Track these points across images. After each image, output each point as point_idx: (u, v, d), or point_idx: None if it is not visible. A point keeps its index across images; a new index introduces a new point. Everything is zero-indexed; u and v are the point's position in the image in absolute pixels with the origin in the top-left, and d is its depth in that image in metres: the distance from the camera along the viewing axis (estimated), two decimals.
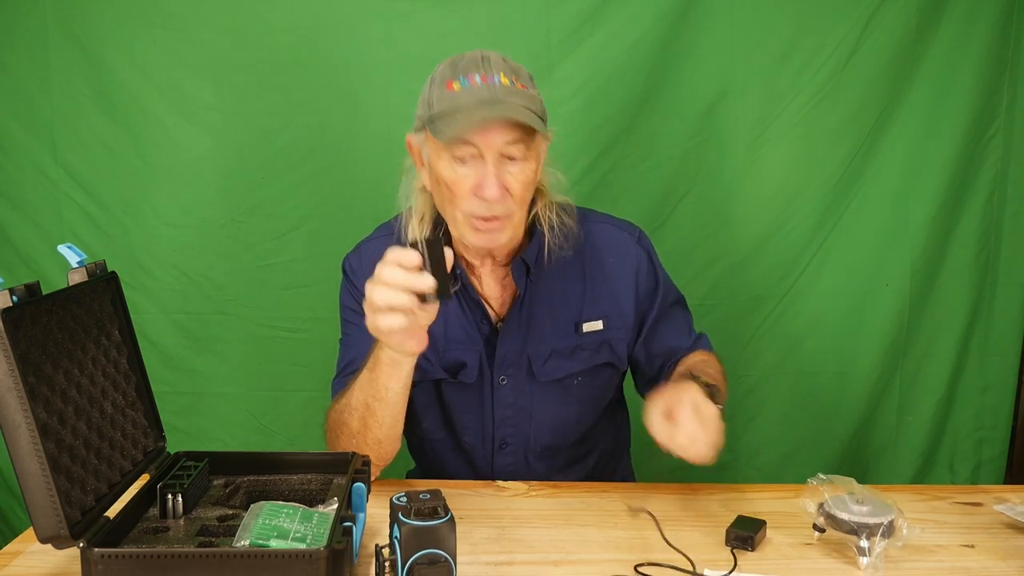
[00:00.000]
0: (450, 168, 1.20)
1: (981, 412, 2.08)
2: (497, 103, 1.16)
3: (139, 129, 1.88)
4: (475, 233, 1.24)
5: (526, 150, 1.20)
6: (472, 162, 1.20)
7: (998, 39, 1.90)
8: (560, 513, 1.18)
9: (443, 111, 1.19)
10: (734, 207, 1.95)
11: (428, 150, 1.24)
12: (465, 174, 1.20)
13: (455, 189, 1.21)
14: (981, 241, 1.99)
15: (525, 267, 1.33)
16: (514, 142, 1.18)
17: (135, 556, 0.85)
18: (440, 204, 1.28)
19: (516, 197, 1.22)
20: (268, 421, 2.00)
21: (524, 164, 1.21)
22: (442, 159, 1.21)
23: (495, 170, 1.19)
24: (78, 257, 0.99)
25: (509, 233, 1.26)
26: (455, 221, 1.25)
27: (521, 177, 1.21)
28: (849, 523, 1.02)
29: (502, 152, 1.19)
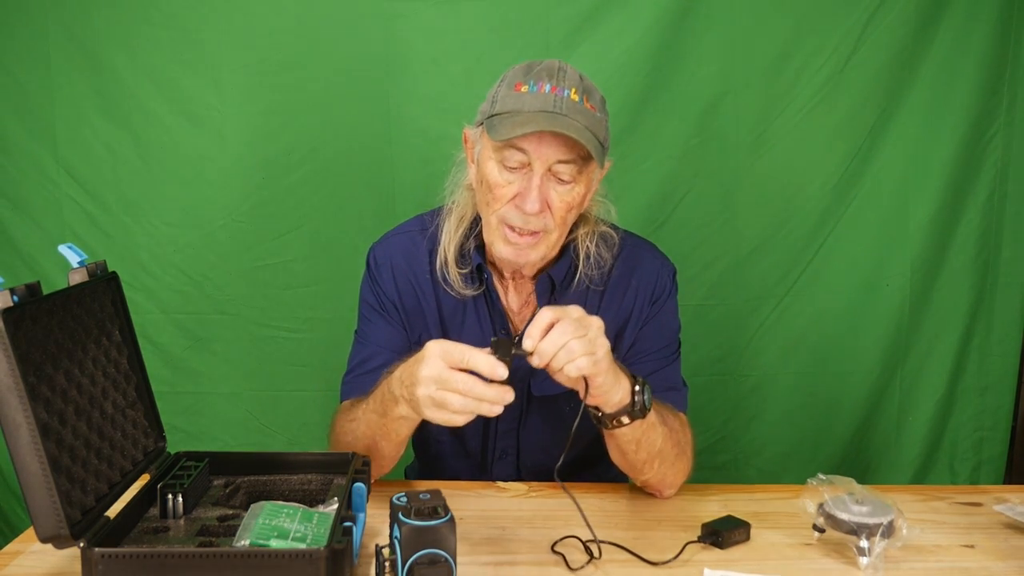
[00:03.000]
0: (497, 171, 1.17)
1: (981, 412, 2.08)
2: (559, 117, 1.13)
3: (139, 129, 1.88)
4: (505, 244, 1.20)
5: (577, 173, 1.17)
6: (520, 171, 1.16)
7: (998, 39, 1.90)
8: (560, 513, 1.18)
9: (504, 110, 1.16)
10: (734, 207, 1.95)
11: (480, 147, 1.21)
12: (510, 180, 1.17)
13: (496, 192, 1.18)
14: (981, 241, 1.99)
15: (551, 284, 1.30)
16: (567, 161, 1.15)
17: (135, 556, 0.85)
18: (480, 204, 1.25)
19: (556, 216, 1.18)
20: (268, 421, 2.00)
21: (572, 186, 1.18)
22: (491, 160, 1.18)
23: (540, 183, 1.15)
24: (79, 257, 0.99)
25: (542, 252, 1.22)
26: (489, 226, 1.22)
27: (567, 198, 1.18)
28: (849, 523, 1.02)
29: (552, 169, 1.16)
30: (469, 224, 1.29)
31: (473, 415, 0.99)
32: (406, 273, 1.33)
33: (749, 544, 1.09)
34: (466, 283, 1.29)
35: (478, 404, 0.98)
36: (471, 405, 0.98)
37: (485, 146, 1.19)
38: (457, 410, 0.98)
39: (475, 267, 1.29)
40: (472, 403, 0.98)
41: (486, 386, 0.97)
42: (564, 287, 1.30)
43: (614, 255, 1.31)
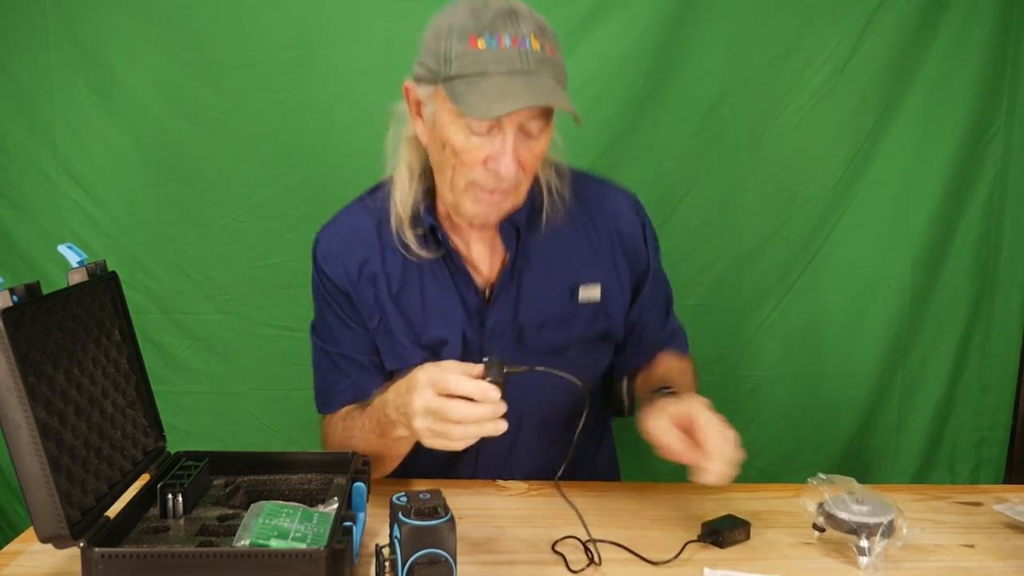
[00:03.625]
0: (463, 136, 1.10)
1: (981, 412, 2.08)
2: (532, 79, 1.05)
3: (139, 129, 1.88)
4: (475, 203, 1.16)
5: (545, 124, 1.13)
6: (489, 133, 1.10)
7: (998, 40, 1.90)
8: (560, 513, 1.18)
9: (465, 73, 1.06)
10: (734, 207, 1.95)
11: (436, 108, 1.13)
12: (479, 144, 1.11)
13: (465, 158, 1.12)
14: (981, 241, 1.99)
15: (515, 229, 1.24)
16: (537, 117, 1.10)
17: (135, 556, 0.85)
18: (438, 165, 1.18)
19: (527, 170, 1.15)
20: (268, 421, 2.00)
21: (542, 138, 1.13)
22: (455, 124, 1.10)
23: (514, 145, 1.10)
24: (78, 257, 0.99)
25: (511, 203, 1.18)
26: (454, 187, 1.16)
27: (536, 150, 1.14)
28: (849, 523, 1.02)
29: (523, 126, 1.11)
30: (419, 178, 1.24)
31: (476, 439, 0.98)
32: (355, 256, 1.28)
33: (749, 543, 1.09)
34: (422, 245, 1.24)
35: (479, 428, 0.97)
36: (472, 431, 0.97)
37: (445, 109, 1.10)
38: (459, 439, 0.98)
39: (427, 229, 1.23)
40: (472, 428, 0.97)
41: (481, 407, 0.96)
42: (529, 229, 1.26)
43: (568, 182, 1.28)
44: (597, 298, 1.29)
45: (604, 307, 1.30)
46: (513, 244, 1.25)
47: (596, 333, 1.31)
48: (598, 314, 1.30)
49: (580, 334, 1.29)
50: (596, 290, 1.29)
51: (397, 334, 1.27)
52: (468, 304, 1.26)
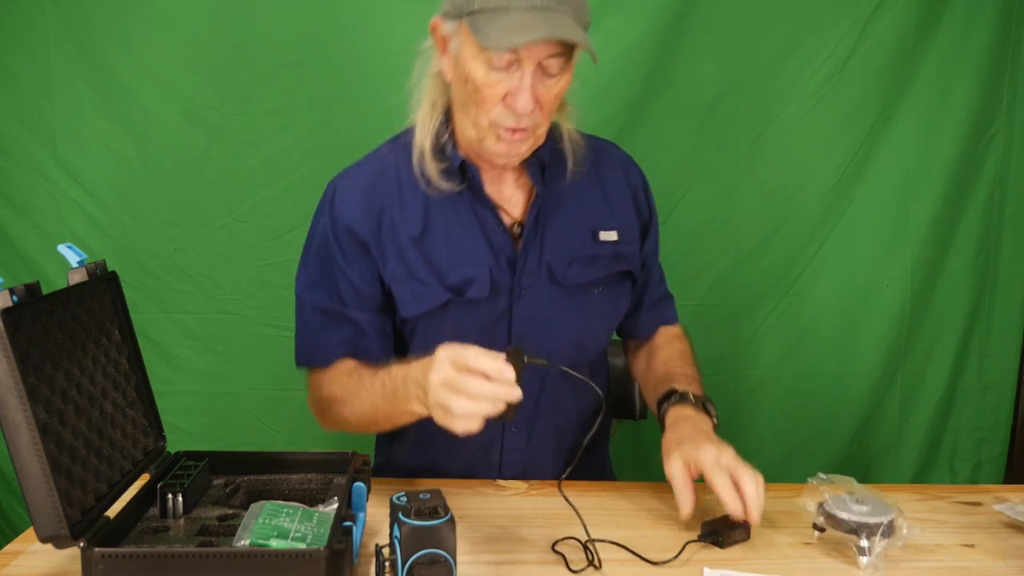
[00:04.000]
0: (483, 71, 1.12)
1: (981, 412, 2.08)
2: (551, 15, 1.07)
3: (139, 129, 1.88)
4: (497, 142, 1.17)
5: (565, 64, 1.13)
6: (508, 69, 1.12)
7: (998, 39, 1.90)
8: (560, 513, 1.18)
9: (487, 7, 1.08)
10: (734, 207, 1.95)
11: (460, 43, 1.14)
12: (499, 80, 1.12)
13: (485, 94, 1.13)
14: (981, 241, 1.99)
15: (540, 166, 1.27)
16: (557, 55, 1.11)
17: (135, 556, 0.85)
18: (461, 101, 1.19)
19: (546, 110, 1.16)
20: (268, 421, 2.00)
21: (561, 78, 1.14)
22: (476, 59, 1.12)
23: (531, 82, 1.11)
24: (78, 257, 0.99)
25: (530, 144, 1.20)
26: (477, 125, 1.17)
27: (555, 90, 1.15)
28: (849, 523, 1.02)
29: (541, 64, 1.11)
30: (442, 113, 1.25)
31: (479, 419, 0.97)
32: (374, 204, 1.27)
33: (749, 543, 1.09)
34: (444, 178, 1.25)
35: (481, 405, 0.95)
36: (475, 407, 0.96)
37: (467, 43, 1.12)
38: (463, 415, 0.96)
39: (458, 166, 1.25)
40: (481, 406, 0.96)
41: (494, 386, 0.95)
42: (555, 169, 1.29)
43: (586, 140, 1.32)
44: (615, 241, 1.33)
45: (622, 251, 1.33)
46: (540, 180, 1.27)
47: (618, 271, 1.34)
48: (617, 255, 1.33)
49: (604, 272, 1.32)
50: (614, 235, 1.33)
51: (421, 276, 1.25)
52: (494, 242, 1.26)
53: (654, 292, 1.44)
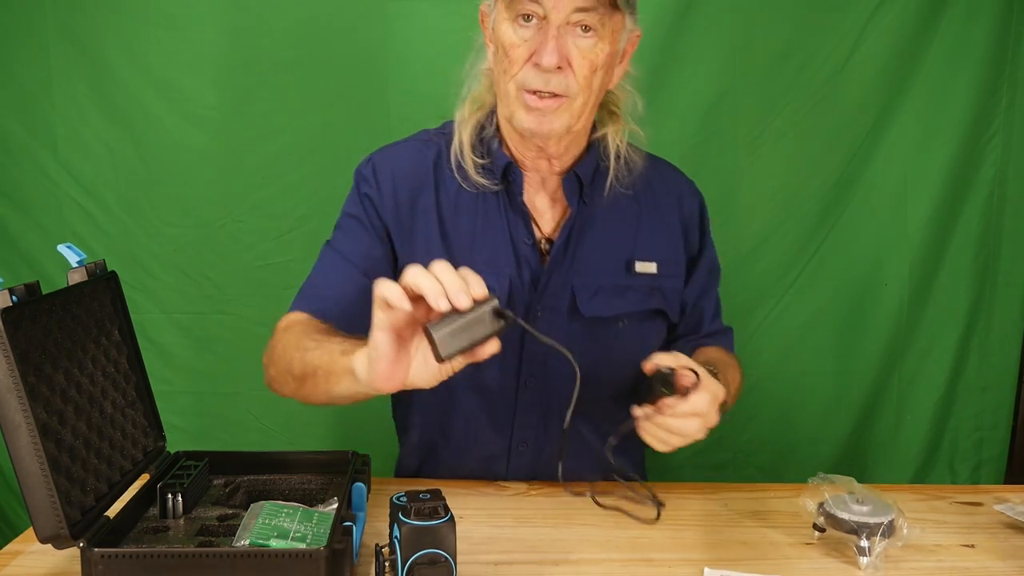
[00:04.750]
0: (511, 30, 1.07)
1: (981, 412, 2.08)
2: None
3: (139, 129, 1.88)
4: (526, 111, 1.09)
5: (600, 23, 1.06)
6: (537, 25, 1.06)
7: (997, 39, 1.90)
8: (560, 513, 1.18)
9: None
10: (733, 207, 1.95)
11: (495, 15, 1.11)
12: (525, 38, 1.07)
13: (512, 55, 1.07)
14: (981, 241, 1.99)
15: (579, 184, 1.20)
16: (587, 9, 1.04)
17: (135, 556, 0.85)
18: (498, 81, 1.14)
19: (579, 76, 1.07)
20: (268, 421, 2.00)
21: (596, 40, 1.07)
22: (505, 21, 1.08)
23: (557, 34, 1.05)
24: (78, 257, 0.99)
25: (565, 120, 1.10)
26: (508, 96, 1.11)
27: (589, 55, 1.07)
28: (849, 523, 1.02)
29: (571, 20, 1.05)
30: (488, 112, 1.21)
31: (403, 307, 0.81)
32: (409, 179, 1.22)
33: (750, 544, 1.09)
34: (480, 172, 1.20)
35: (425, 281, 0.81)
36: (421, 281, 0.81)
37: (499, 10, 1.10)
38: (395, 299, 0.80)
39: (504, 167, 1.19)
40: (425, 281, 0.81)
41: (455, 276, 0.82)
42: (595, 188, 1.22)
43: (644, 158, 1.24)
44: (653, 274, 1.25)
45: (660, 285, 1.25)
46: (576, 199, 1.21)
47: (650, 309, 1.25)
48: (653, 291, 1.25)
49: (633, 308, 1.24)
50: (652, 267, 1.25)
51: None
52: (520, 253, 1.20)
53: (708, 326, 1.35)
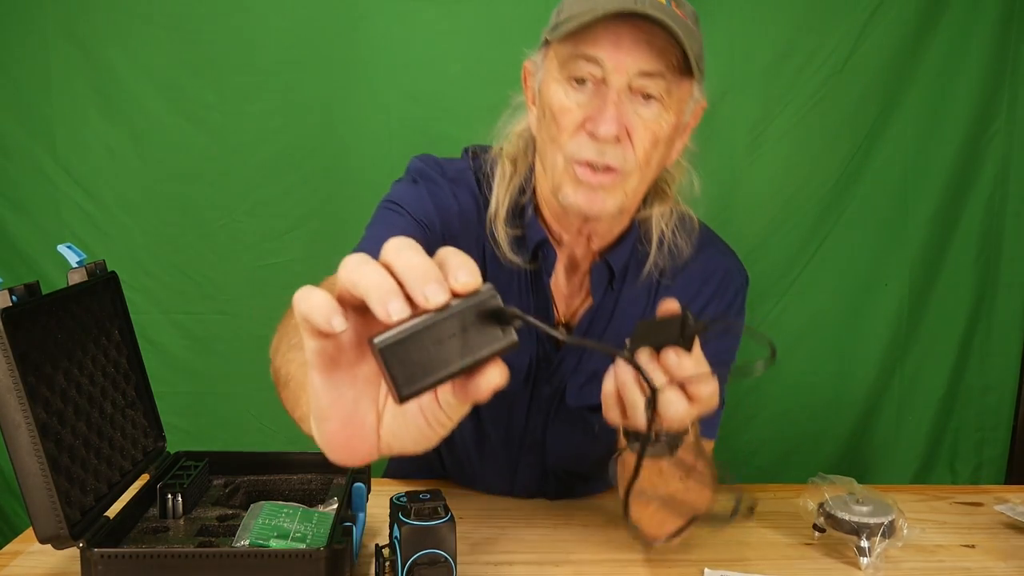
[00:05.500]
0: (563, 92, 0.94)
1: (982, 412, 2.08)
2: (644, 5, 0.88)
3: (139, 129, 1.88)
4: (575, 186, 0.95)
5: (666, 91, 0.93)
6: (593, 89, 0.93)
7: (998, 38, 1.90)
8: (560, 513, 1.18)
9: (572, 15, 0.92)
10: (733, 207, 1.95)
11: (543, 74, 0.98)
12: (579, 102, 0.93)
13: (562, 119, 0.94)
14: (982, 241, 1.99)
15: (609, 273, 1.08)
16: (653, 74, 0.91)
17: (135, 556, 0.85)
18: (542, 149, 1.00)
19: (638, 150, 0.94)
20: (268, 421, 2.00)
21: (660, 110, 0.94)
22: (556, 81, 0.95)
23: (617, 100, 0.91)
24: (78, 257, 0.99)
25: (619, 199, 0.97)
26: (555, 167, 0.97)
27: (652, 125, 0.93)
28: (849, 523, 1.02)
29: (634, 84, 0.92)
30: (524, 177, 1.06)
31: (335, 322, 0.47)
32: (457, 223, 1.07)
33: (749, 544, 1.09)
34: (513, 248, 1.06)
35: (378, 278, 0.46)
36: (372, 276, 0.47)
37: (548, 70, 0.97)
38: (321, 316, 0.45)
39: (537, 243, 1.05)
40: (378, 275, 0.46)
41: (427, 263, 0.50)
42: (628, 277, 1.08)
43: (693, 246, 1.08)
44: None
45: None
46: (602, 290, 1.08)
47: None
48: None
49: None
50: None
51: None
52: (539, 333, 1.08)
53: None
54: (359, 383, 0.49)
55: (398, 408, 0.49)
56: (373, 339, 0.45)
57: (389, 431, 0.50)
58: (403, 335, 0.45)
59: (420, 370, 0.45)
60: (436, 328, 0.45)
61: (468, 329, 0.46)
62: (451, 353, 0.46)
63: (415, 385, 0.45)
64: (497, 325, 0.46)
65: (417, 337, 0.45)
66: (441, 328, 0.45)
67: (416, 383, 0.45)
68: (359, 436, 0.50)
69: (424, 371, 0.45)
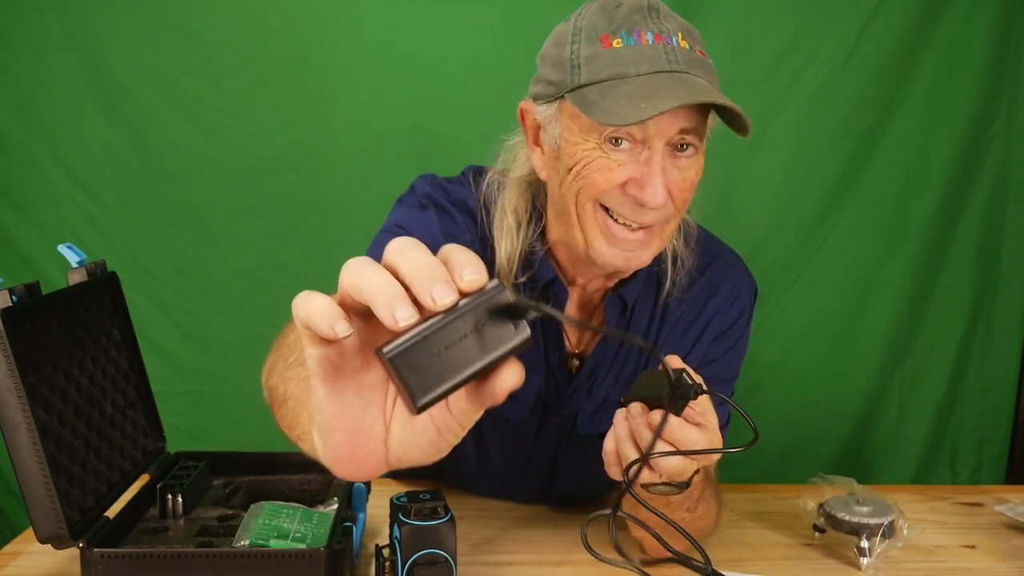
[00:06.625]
0: (599, 151, 0.88)
1: (982, 412, 2.08)
2: (684, 76, 0.85)
3: (139, 129, 1.88)
4: (610, 244, 0.91)
5: (700, 141, 0.91)
6: (632, 146, 0.88)
7: (998, 39, 1.91)
8: (560, 513, 1.18)
9: (598, 78, 0.86)
10: (734, 207, 1.95)
11: (561, 128, 0.91)
12: (619, 161, 0.88)
13: (600, 181, 0.88)
14: (982, 241, 1.99)
15: (622, 304, 1.04)
16: (692, 130, 0.88)
17: (135, 556, 0.85)
18: (561, 201, 0.94)
19: (679, 202, 0.92)
20: (268, 421, 1.99)
21: (696, 158, 0.92)
22: (586, 138, 0.89)
23: (664, 165, 0.87)
24: (78, 257, 0.99)
25: (655, 248, 0.94)
26: (584, 227, 0.92)
27: (690, 175, 0.92)
28: (850, 523, 1.02)
29: (673, 141, 0.88)
30: (528, 228, 1.02)
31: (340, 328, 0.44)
32: (471, 248, 1.05)
33: (749, 544, 1.09)
34: (523, 293, 1.02)
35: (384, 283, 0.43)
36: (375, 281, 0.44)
37: (570, 127, 0.90)
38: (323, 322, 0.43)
39: (547, 282, 1.02)
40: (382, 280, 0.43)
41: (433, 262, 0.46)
42: (642, 303, 1.05)
43: (697, 257, 1.07)
44: None
45: None
46: (615, 321, 1.05)
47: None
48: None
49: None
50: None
51: None
52: (549, 360, 1.06)
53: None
54: (365, 391, 0.47)
55: (407, 417, 0.47)
56: (381, 349, 0.42)
57: (397, 442, 0.48)
58: (412, 342, 0.42)
59: (434, 377, 0.43)
60: (446, 331, 0.43)
61: (479, 328, 0.43)
62: (464, 356, 0.43)
63: (431, 393, 0.43)
64: (509, 321, 0.44)
65: (427, 342, 0.43)
66: (452, 331, 0.43)
67: (432, 391, 0.43)
68: (366, 448, 0.48)
69: (439, 377, 0.43)
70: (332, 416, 0.47)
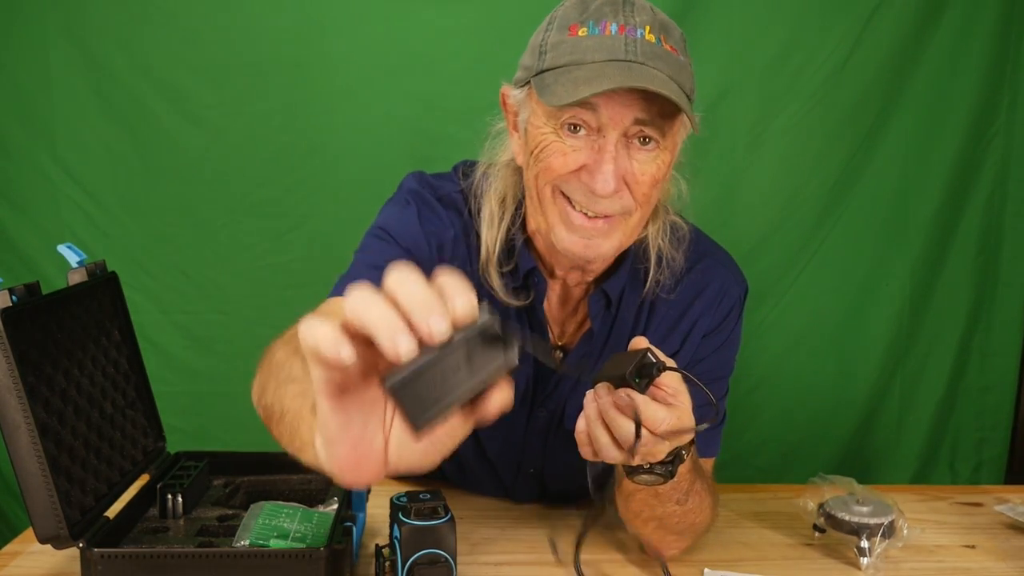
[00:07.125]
0: (555, 135, 0.90)
1: (982, 412, 2.08)
2: (634, 67, 0.86)
3: (139, 129, 1.88)
4: (568, 230, 0.93)
5: (662, 136, 0.91)
6: (588, 134, 0.90)
7: (998, 39, 1.91)
8: (560, 513, 1.18)
9: (557, 64, 0.89)
10: (733, 207, 1.95)
11: (529, 113, 0.94)
12: (574, 147, 0.90)
13: (555, 165, 0.90)
14: (981, 241, 1.99)
15: (605, 299, 1.05)
16: (649, 122, 0.88)
17: (135, 556, 0.85)
18: (530, 185, 0.96)
19: (639, 195, 0.92)
20: None
21: (658, 154, 0.92)
22: (546, 126, 0.91)
23: (615, 154, 0.88)
24: (78, 257, 0.99)
25: (617, 240, 0.95)
26: (543, 200, 0.94)
27: (650, 169, 0.91)
28: (850, 523, 1.02)
29: (630, 132, 0.89)
30: (512, 214, 1.03)
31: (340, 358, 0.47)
32: (449, 251, 1.05)
33: (749, 544, 1.09)
34: (507, 288, 1.03)
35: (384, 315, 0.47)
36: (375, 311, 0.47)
37: (535, 111, 0.93)
38: (328, 348, 0.46)
39: (526, 272, 1.03)
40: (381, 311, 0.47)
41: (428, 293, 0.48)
42: (627, 298, 1.05)
43: (685, 255, 1.07)
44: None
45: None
46: (599, 317, 1.05)
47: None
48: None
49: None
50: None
51: None
52: (531, 360, 1.07)
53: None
54: (367, 405, 0.50)
55: (404, 430, 0.50)
56: (384, 380, 0.47)
57: (395, 451, 0.52)
58: (413, 373, 0.47)
59: (432, 403, 0.48)
60: (442, 361, 0.47)
61: (471, 357, 0.48)
62: (459, 381, 0.48)
63: (430, 419, 0.48)
64: (499, 345, 0.48)
65: (426, 372, 0.47)
66: (447, 360, 0.47)
67: (430, 416, 0.48)
68: (368, 457, 0.51)
69: (436, 403, 0.48)
70: (336, 429, 0.50)
